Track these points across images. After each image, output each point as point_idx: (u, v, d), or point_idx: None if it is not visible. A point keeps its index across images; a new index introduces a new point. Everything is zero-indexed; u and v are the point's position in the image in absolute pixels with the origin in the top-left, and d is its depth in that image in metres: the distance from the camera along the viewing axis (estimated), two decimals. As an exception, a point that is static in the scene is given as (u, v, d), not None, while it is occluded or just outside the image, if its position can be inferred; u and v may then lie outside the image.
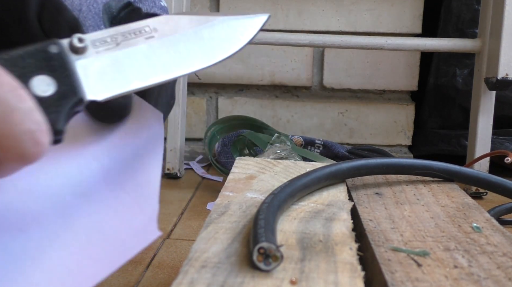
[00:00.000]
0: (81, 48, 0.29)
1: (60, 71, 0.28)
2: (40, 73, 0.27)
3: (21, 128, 0.24)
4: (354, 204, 0.43)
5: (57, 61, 0.28)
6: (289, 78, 1.19)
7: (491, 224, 0.40)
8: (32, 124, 0.25)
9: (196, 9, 1.17)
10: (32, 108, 0.25)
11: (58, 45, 0.28)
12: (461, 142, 1.12)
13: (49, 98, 0.27)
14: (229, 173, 0.50)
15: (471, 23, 1.09)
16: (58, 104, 0.27)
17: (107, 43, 0.30)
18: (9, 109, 0.24)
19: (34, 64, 0.27)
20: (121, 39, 0.31)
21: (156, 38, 0.31)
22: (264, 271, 0.29)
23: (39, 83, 0.27)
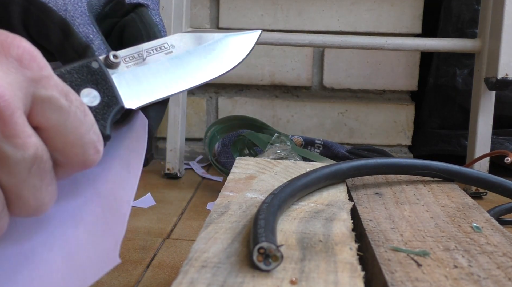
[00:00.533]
0: (115, 63, 0.33)
1: (102, 83, 0.32)
2: (87, 86, 0.31)
3: (86, 138, 0.28)
4: (354, 204, 0.43)
5: (99, 75, 0.32)
6: (289, 78, 1.19)
7: (491, 224, 0.40)
8: (94, 135, 0.29)
9: (196, 9, 1.17)
10: (93, 121, 0.29)
11: (98, 61, 0.32)
12: (461, 142, 1.12)
13: (96, 108, 0.31)
14: (229, 173, 0.50)
15: (471, 23, 1.09)
16: (104, 113, 0.31)
17: (135, 58, 0.35)
18: (78, 123, 0.27)
19: (80, 78, 0.31)
20: (146, 54, 0.35)
21: (174, 54, 0.37)
22: (264, 271, 0.29)
23: (87, 95, 0.31)
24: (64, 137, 0.27)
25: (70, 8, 0.35)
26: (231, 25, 1.16)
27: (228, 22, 1.17)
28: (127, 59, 0.34)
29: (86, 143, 0.28)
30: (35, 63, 0.26)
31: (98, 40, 0.36)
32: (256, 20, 1.17)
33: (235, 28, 1.16)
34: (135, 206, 0.84)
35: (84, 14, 0.36)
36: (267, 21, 1.17)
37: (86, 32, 0.36)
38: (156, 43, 0.36)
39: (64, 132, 0.27)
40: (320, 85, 1.20)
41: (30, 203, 0.27)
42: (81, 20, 0.36)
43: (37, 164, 0.26)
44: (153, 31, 0.39)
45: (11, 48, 0.25)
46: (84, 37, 0.35)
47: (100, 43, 0.36)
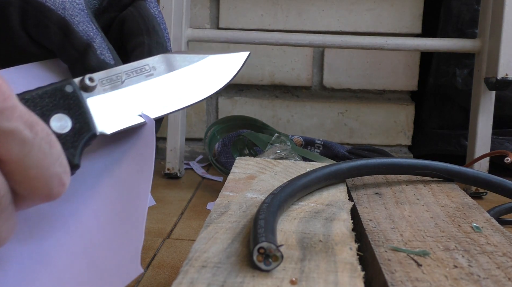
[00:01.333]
0: (91, 87, 0.32)
1: (75, 109, 0.31)
2: (58, 112, 0.30)
3: (50, 171, 0.26)
4: (354, 204, 0.43)
5: (72, 100, 0.31)
6: (289, 78, 1.19)
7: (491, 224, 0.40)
8: (59, 167, 0.27)
9: (196, 9, 1.17)
10: (60, 152, 0.27)
11: (72, 84, 0.31)
12: (461, 142, 1.12)
13: (66, 135, 0.30)
14: (229, 173, 0.50)
15: (471, 23, 1.09)
16: (75, 140, 0.30)
17: (113, 81, 0.33)
18: (42, 155, 0.26)
19: (52, 103, 0.30)
20: (125, 77, 0.34)
21: (154, 76, 0.35)
22: (264, 271, 0.29)
23: (57, 121, 0.30)
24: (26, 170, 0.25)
25: (68, 6, 0.35)
26: (231, 25, 1.17)
27: (228, 22, 1.17)
28: (104, 81, 0.33)
29: (50, 176, 0.26)
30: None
31: (99, 38, 0.35)
32: (256, 20, 1.17)
33: (235, 28, 1.16)
34: (135, 206, 0.84)
35: (83, 11, 0.35)
36: (267, 21, 1.17)
37: (86, 30, 0.35)
38: (136, 65, 0.34)
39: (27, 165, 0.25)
40: (320, 85, 1.20)
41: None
42: (80, 18, 0.35)
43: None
44: (152, 24, 0.38)
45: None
46: (84, 36, 0.35)
47: (101, 40, 0.35)
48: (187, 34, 1.00)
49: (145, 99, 0.34)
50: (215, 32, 1.01)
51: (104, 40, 0.35)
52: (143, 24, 0.38)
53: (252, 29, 1.14)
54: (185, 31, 1.00)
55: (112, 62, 0.35)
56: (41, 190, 0.26)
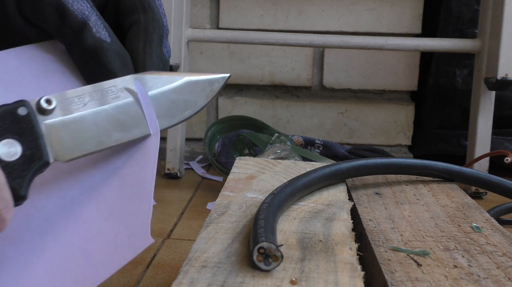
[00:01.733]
0: (49, 110, 0.29)
1: (28, 134, 0.28)
2: (7, 137, 0.27)
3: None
4: (354, 204, 0.43)
5: (24, 124, 0.28)
6: (289, 78, 1.19)
7: (490, 224, 0.40)
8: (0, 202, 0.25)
9: (196, 9, 1.17)
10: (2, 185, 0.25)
11: (26, 106, 0.28)
12: (461, 142, 1.12)
13: (14, 163, 0.27)
14: (229, 173, 0.50)
15: (471, 23, 1.09)
16: (23, 169, 0.27)
17: (74, 103, 0.30)
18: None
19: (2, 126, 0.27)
20: (88, 99, 0.31)
21: (121, 99, 0.32)
22: (264, 271, 0.29)
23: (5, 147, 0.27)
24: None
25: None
26: (231, 25, 1.17)
27: (228, 22, 1.17)
28: (65, 102, 0.30)
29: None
30: None
31: (94, 16, 0.34)
32: (256, 20, 1.17)
33: (235, 28, 1.16)
34: (135, 206, 0.84)
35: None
36: (267, 21, 1.17)
37: (81, 9, 0.34)
38: (102, 85, 0.32)
39: None
40: (320, 85, 1.20)
41: None
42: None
43: None
44: (148, 2, 0.37)
45: None
46: (79, 15, 0.34)
47: (96, 18, 0.34)
48: (187, 34, 1.00)
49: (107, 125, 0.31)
50: (215, 32, 1.01)
51: (100, 18, 0.35)
52: (138, 1, 0.37)
53: (252, 29, 1.14)
54: (185, 31, 1.00)
55: (108, 39, 0.34)
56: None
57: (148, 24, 0.36)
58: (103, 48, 0.34)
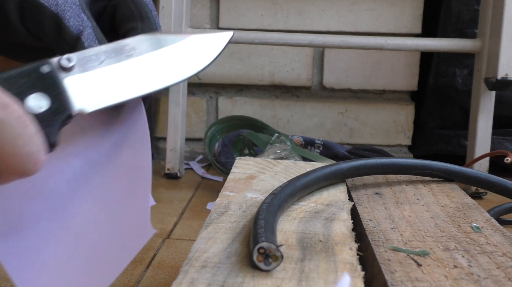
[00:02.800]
0: (69, 67, 0.32)
1: (52, 88, 0.31)
2: (35, 91, 0.30)
3: (25, 151, 0.28)
4: (354, 204, 0.43)
5: (49, 80, 0.31)
6: (289, 78, 1.19)
7: (490, 224, 0.40)
8: (33, 147, 0.28)
9: (196, 9, 1.17)
10: (33, 132, 0.28)
11: (49, 64, 0.31)
12: (461, 142, 1.12)
13: (43, 114, 0.30)
14: (229, 173, 0.50)
15: (471, 23, 1.09)
16: (51, 119, 0.30)
17: (91, 61, 0.33)
18: (15, 135, 0.27)
19: (28, 83, 0.30)
20: (104, 57, 0.34)
21: (134, 56, 0.35)
22: (264, 271, 0.29)
23: (34, 101, 0.30)
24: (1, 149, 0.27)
25: (61, 2, 0.36)
26: (231, 25, 1.16)
27: (228, 22, 1.17)
28: (83, 61, 0.33)
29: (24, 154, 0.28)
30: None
31: (88, 29, 0.36)
32: (256, 20, 1.17)
33: (235, 28, 1.16)
34: (135, 206, 0.84)
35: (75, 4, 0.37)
36: (267, 21, 1.17)
37: (76, 25, 0.36)
38: (116, 45, 0.35)
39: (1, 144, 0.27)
40: (320, 85, 1.20)
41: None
42: (72, 12, 0.36)
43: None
44: (144, 10, 0.39)
45: None
46: (75, 30, 0.36)
47: (90, 32, 0.36)
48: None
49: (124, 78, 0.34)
50: (215, 32, 1.01)
51: (94, 31, 0.37)
52: (136, 10, 0.39)
53: (252, 29, 1.14)
54: (185, 31, 1.00)
55: None
56: (16, 167, 0.28)
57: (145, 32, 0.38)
58: None
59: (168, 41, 0.36)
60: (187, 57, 0.36)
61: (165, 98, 1.15)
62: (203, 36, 0.37)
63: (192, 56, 0.37)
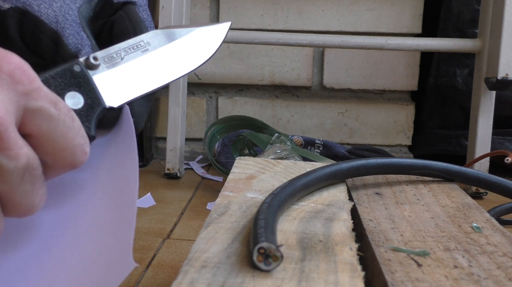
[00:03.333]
0: (96, 65, 0.34)
1: (85, 86, 0.33)
2: (70, 89, 0.32)
3: (74, 142, 0.30)
4: (354, 204, 0.43)
5: (81, 78, 0.33)
6: (289, 78, 1.19)
7: (491, 224, 0.40)
8: (81, 139, 0.30)
9: (196, 9, 1.17)
10: (80, 125, 0.30)
11: (79, 64, 0.34)
12: (461, 142, 1.12)
13: (80, 110, 0.33)
14: (229, 173, 0.50)
15: (471, 23, 1.09)
16: (88, 114, 0.33)
17: (114, 58, 0.36)
18: (66, 129, 0.29)
19: (64, 82, 0.32)
20: (124, 53, 0.36)
21: (150, 51, 0.38)
22: (264, 271, 0.29)
23: (70, 98, 0.32)
24: (54, 143, 0.29)
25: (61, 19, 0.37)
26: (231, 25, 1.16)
27: (228, 22, 1.17)
28: (106, 59, 0.35)
29: (74, 146, 0.30)
30: (25, 77, 0.27)
31: (86, 48, 0.38)
32: (256, 20, 1.17)
33: (235, 28, 1.16)
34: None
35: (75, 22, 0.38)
36: (267, 21, 1.17)
37: (75, 43, 0.38)
38: (132, 41, 0.37)
39: (54, 138, 0.29)
40: (320, 85, 1.20)
41: (22, 206, 0.29)
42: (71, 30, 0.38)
43: (28, 172, 0.28)
44: (140, 27, 0.41)
45: (3, 64, 0.27)
46: (73, 48, 0.37)
47: (88, 50, 0.38)
48: (187, 34, 1.00)
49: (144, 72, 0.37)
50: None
51: (93, 49, 0.38)
52: (131, 27, 0.41)
53: (252, 29, 1.14)
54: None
55: None
56: (67, 159, 0.30)
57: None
58: None
59: (178, 35, 0.39)
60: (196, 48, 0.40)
61: (165, 98, 1.15)
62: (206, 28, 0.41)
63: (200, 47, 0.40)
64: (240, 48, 1.18)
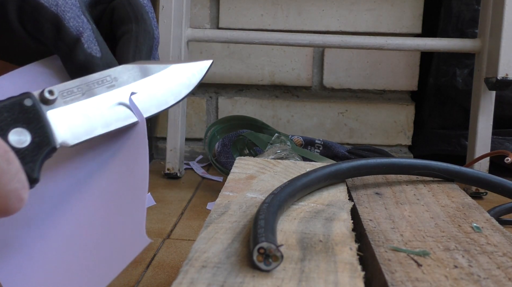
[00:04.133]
0: (51, 100, 0.32)
1: (35, 123, 0.30)
2: (16, 126, 0.30)
3: (8, 188, 0.27)
4: (354, 204, 0.43)
5: (31, 114, 0.30)
6: (289, 78, 1.19)
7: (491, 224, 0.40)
8: (17, 184, 0.27)
9: (196, 9, 1.17)
10: (18, 168, 0.27)
11: (31, 98, 0.31)
12: (461, 142, 1.12)
13: (25, 149, 0.30)
14: (229, 173, 0.50)
15: (471, 23, 1.09)
16: (34, 154, 0.30)
17: (73, 93, 0.33)
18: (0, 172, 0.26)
19: (11, 117, 0.30)
20: (86, 89, 0.34)
21: (116, 87, 0.35)
22: (264, 271, 0.29)
23: (15, 136, 0.29)
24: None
25: (61, 2, 0.36)
26: (231, 25, 1.16)
27: (228, 22, 1.17)
28: (65, 93, 0.33)
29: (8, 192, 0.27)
30: None
31: (88, 31, 0.36)
32: (256, 20, 1.17)
33: (235, 28, 1.16)
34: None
35: (75, 6, 0.36)
36: (267, 21, 1.17)
37: (76, 26, 0.36)
38: (98, 76, 0.34)
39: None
40: (320, 85, 1.20)
41: None
42: (72, 14, 0.36)
43: None
44: (140, 12, 0.39)
45: None
46: (74, 31, 0.36)
47: (90, 34, 0.36)
48: (187, 34, 1.00)
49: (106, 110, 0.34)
50: (215, 32, 1.01)
51: (94, 33, 0.36)
52: (132, 12, 0.38)
53: (252, 29, 1.14)
54: (185, 31, 1.00)
55: (99, 54, 0.36)
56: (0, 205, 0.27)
57: (139, 34, 0.38)
58: (93, 64, 0.36)
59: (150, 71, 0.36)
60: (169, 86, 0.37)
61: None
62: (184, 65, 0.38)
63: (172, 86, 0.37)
64: (240, 48, 1.18)
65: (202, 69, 0.39)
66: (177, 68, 0.37)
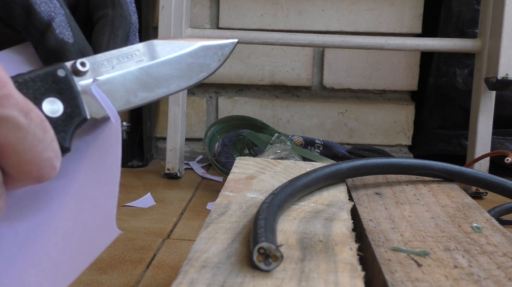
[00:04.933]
0: (83, 71, 0.32)
1: (67, 93, 0.31)
2: (50, 95, 0.30)
3: (43, 156, 0.27)
4: (354, 204, 0.43)
5: (64, 84, 0.31)
6: (289, 78, 1.19)
7: (491, 224, 0.40)
8: (51, 152, 0.28)
9: (196, 9, 1.17)
10: (53, 138, 0.28)
11: (64, 68, 0.31)
12: (461, 142, 1.12)
13: (57, 119, 0.30)
14: (229, 173, 0.50)
15: (471, 23, 1.09)
16: (65, 124, 0.30)
17: (104, 66, 0.33)
18: (36, 141, 0.27)
19: (44, 86, 0.30)
20: (116, 62, 0.34)
21: (144, 62, 0.35)
22: (264, 271, 0.29)
23: (49, 105, 0.30)
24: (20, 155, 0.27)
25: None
26: (231, 25, 1.16)
27: (228, 22, 1.17)
28: (95, 66, 0.33)
29: (42, 160, 0.27)
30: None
31: (60, 16, 0.35)
32: (256, 20, 1.17)
33: (235, 28, 1.16)
34: (135, 206, 0.84)
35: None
36: (267, 21, 1.17)
37: (47, 11, 0.35)
38: (127, 50, 0.35)
39: (21, 150, 0.26)
40: (320, 85, 1.20)
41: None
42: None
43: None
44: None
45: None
46: (45, 16, 0.35)
47: (62, 19, 0.35)
48: (187, 34, 1.00)
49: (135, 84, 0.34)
50: (215, 32, 1.01)
51: (67, 18, 0.36)
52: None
53: (252, 29, 1.14)
54: (185, 31, 1.00)
55: (71, 40, 0.35)
56: (33, 173, 0.27)
57: (115, 19, 0.37)
58: (64, 49, 0.35)
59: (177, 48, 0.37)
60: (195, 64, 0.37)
61: (165, 98, 1.15)
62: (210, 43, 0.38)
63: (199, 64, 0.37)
64: (240, 48, 1.18)
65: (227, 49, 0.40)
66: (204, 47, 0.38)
